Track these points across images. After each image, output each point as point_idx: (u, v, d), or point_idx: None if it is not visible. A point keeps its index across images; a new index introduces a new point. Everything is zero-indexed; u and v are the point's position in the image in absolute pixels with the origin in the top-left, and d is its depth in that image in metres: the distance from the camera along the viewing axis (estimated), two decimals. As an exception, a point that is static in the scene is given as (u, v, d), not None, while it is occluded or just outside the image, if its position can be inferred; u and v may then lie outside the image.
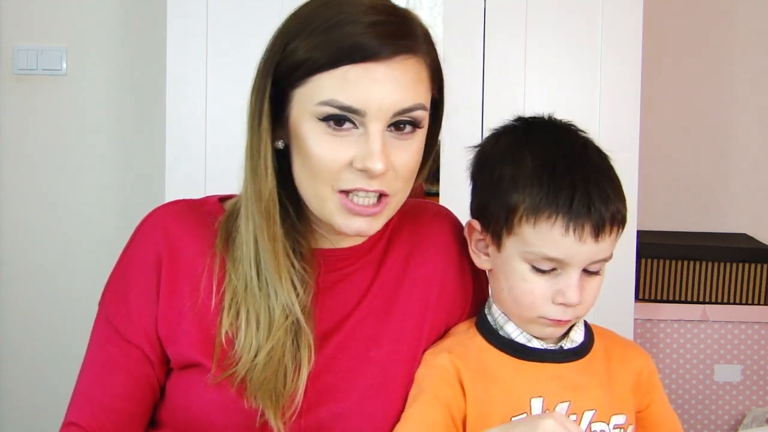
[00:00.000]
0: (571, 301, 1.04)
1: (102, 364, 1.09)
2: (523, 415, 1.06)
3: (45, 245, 2.51)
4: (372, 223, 1.04)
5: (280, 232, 1.04)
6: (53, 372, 2.49)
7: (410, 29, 1.03)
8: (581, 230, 1.01)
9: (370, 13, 1.01)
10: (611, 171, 1.07)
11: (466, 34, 2.09)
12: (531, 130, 1.10)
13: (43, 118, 2.49)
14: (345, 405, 1.07)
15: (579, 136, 1.10)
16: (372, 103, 0.99)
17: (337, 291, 1.11)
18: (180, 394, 1.08)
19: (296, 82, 1.01)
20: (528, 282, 1.05)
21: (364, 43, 0.99)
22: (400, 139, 1.02)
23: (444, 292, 1.15)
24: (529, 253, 1.04)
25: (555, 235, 1.02)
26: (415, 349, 1.11)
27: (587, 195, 1.02)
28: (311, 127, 1.01)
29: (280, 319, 1.04)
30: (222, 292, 1.06)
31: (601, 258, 1.05)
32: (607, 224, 1.03)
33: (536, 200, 1.03)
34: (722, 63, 2.68)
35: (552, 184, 1.02)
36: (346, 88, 0.99)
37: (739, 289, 2.37)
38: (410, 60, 1.01)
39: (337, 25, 1.00)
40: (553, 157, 1.05)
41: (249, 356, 1.03)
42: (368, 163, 0.99)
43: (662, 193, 2.67)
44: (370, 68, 0.99)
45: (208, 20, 2.08)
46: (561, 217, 1.01)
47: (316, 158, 1.01)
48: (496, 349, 1.09)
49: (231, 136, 2.10)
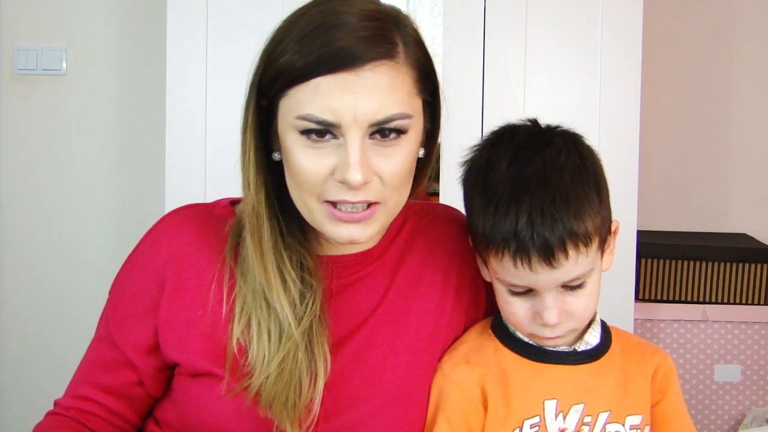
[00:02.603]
0: (548, 322, 1.02)
1: (92, 358, 1.12)
2: (537, 418, 1.06)
3: (45, 245, 2.51)
4: (364, 229, 1.02)
5: (280, 247, 1.04)
6: (53, 372, 2.48)
7: (386, 33, 0.99)
8: (528, 261, 0.99)
9: (346, 23, 0.97)
10: (576, 185, 1.01)
11: (466, 34, 2.08)
12: (497, 149, 1.06)
13: (43, 118, 2.49)
14: (364, 413, 1.06)
15: (544, 151, 1.03)
16: (345, 114, 0.96)
17: (349, 296, 1.10)
18: (193, 401, 1.07)
19: (278, 94, 1.00)
20: (509, 304, 1.05)
21: (333, 52, 0.96)
22: (384, 146, 0.99)
23: (459, 298, 1.14)
24: (499, 280, 1.05)
25: (508, 266, 1.01)
26: (431, 355, 1.11)
27: (530, 223, 0.98)
28: (294, 139, 1.00)
29: (289, 330, 1.02)
30: (232, 301, 1.05)
31: (571, 278, 1.01)
32: (557, 249, 0.98)
33: (486, 232, 1.02)
34: (722, 63, 2.68)
35: (497, 216, 1.00)
36: (318, 101, 0.96)
37: (739, 289, 2.37)
38: (384, 66, 0.97)
39: (310, 35, 0.97)
40: (505, 183, 1.01)
41: (262, 368, 1.02)
42: (346, 175, 0.97)
43: (662, 193, 2.66)
44: (340, 78, 0.96)
45: (208, 20, 2.08)
46: (507, 250, 1.00)
47: (300, 170, 1.00)
48: (511, 351, 1.09)
49: (231, 136, 2.09)
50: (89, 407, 1.11)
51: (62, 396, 1.14)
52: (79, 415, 1.11)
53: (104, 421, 1.11)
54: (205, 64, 2.09)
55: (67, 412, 1.11)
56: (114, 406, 1.11)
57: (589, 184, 1.02)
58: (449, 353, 1.11)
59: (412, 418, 1.08)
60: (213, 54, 2.09)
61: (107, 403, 1.10)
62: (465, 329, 1.15)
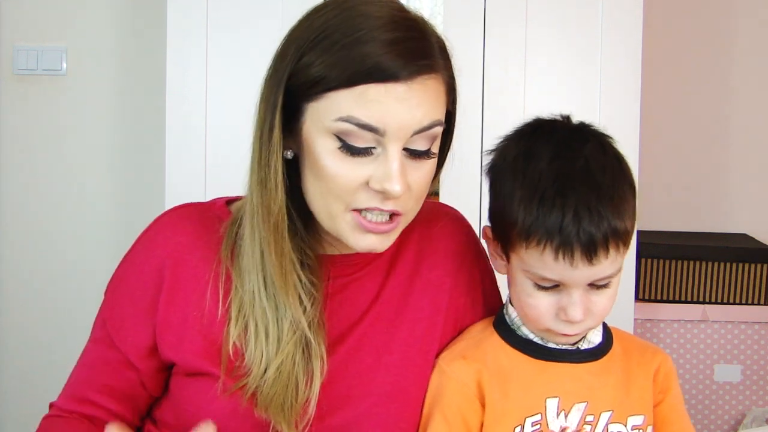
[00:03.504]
0: (573, 318, 1.03)
1: (91, 360, 1.11)
2: (538, 416, 1.06)
3: (45, 245, 2.51)
4: (384, 240, 1.02)
5: (288, 247, 1.02)
6: (53, 372, 2.48)
7: (429, 46, 1.00)
8: (571, 256, 0.99)
9: (389, 29, 0.97)
10: (614, 185, 1.03)
11: (466, 33, 2.08)
12: (536, 141, 1.07)
13: (43, 118, 2.49)
14: (358, 411, 1.06)
15: (586, 147, 1.05)
16: (392, 123, 0.96)
17: (345, 296, 1.10)
18: (189, 400, 1.07)
19: (311, 97, 0.98)
20: (532, 297, 1.05)
21: (385, 63, 0.96)
22: (415, 160, 1.00)
23: (455, 297, 1.14)
24: (528, 272, 1.04)
25: (547, 259, 1.01)
26: (426, 354, 1.11)
27: (577, 219, 0.99)
28: (326, 144, 0.98)
29: (288, 333, 1.02)
30: (229, 302, 1.05)
31: (603, 276, 1.02)
32: (600, 248, 1.00)
33: (527, 224, 1.01)
34: (722, 63, 2.68)
35: (542, 209, 1.00)
36: (365, 106, 0.96)
37: (739, 289, 2.37)
38: (430, 80, 0.99)
39: (356, 43, 0.96)
40: (548, 177, 1.02)
41: (259, 370, 1.02)
42: (386, 185, 0.97)
43: (662, 193, 2.67)
44: (390, 88, 0.96)
45: (208, 20, 2.08)
46: (550, 243, 1.00)
47: (331, 177, 0.98)
48: (513, 348, 1.09)
49: (231, 136, 2.11)
50: (92, 412, 1.09)
51: (58, 398, 1.12)
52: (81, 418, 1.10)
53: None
54: (205, 64, 2.08)
55: (70, 416, 1.10)
56: (116, 408, 1.10)
57: (626, 186, 1.05)
58: (448, 349, 1.11)
59: (407, 416, 1.08)
60: (213, 54, 2.09)
61: (110, 406, 1.09)
62: (462, 328, 1.15)
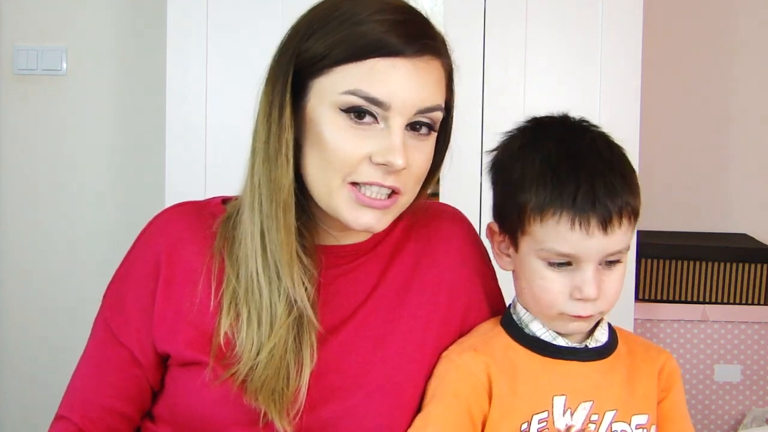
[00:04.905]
0: (588, 295, 1.04)
1: (96, 362, 1.11)
2: (545, 413, 1.06)
3: (45, 245, 2.51)
4: (381, 218, 1.04)
5: (293, 222, 1.04)
6: (53, 371, 2.48)
7: (433, 31, 1.05)
8: (587, 224, 1.02)
9: (394, 12, 1.02)
10: (622, 164, 1.08)
11: (466, 33, 2.08)
12: (540, 131, 1.11)
13: (43, 118, 2.49)
14: (350, 403, 1.07)
15: (589, 133, 1.11)
16: (397, 98, 0.99)
17: (338, 288, 1.11)
18: (181, 390, 1.08)
19: (317, 73, 1.01)
20: (545, 280, 1.06)
21: (392, 39, 1.00)
22: (415, 139, 1.03)
23: (454, 297, 1.15)
24: (542, 251, 1.05)
25: (562, 230, 1.03)
26: (421, 352, 1.11)
27: (591, 189, 1.03)
28: (330, 118, 1.01)
29: (282, 316, 1.03)
30: (221, 294, 1.06)
31: (615, 250, 1.05)
32: (614, 216, 1.03)
33: (542, 198, 1.04)
34: (722, 62, 2.68)
35: (557, 181, 1.04)
36: (372, 80, 0.99)
37: (739, 289, 2.37)
38: (434, 61, 1.03)
39: (363, 21, 1.00)
40: (559, 155, 1.06)
41: (250, 355, 1.03)
42: (389, 158, 0.99)
43: (662, 193, 2.67)
44: (397, 63, 1.00)
45: (208, 20, 2.08)
46: (566, 212, 1.03)
47: (333, 149, 1.01)
48: (522, 346, 1.10)
49: (231, 136, 2.11)
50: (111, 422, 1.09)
51: (66, 407, 1.11)
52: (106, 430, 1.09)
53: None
54: (205, 64, 2.09)
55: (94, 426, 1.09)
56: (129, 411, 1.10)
57: (631, 167, 1.09)
58: (457, 343, 1.12)
59: (399, 411, 1.08)
60: (213, 54, 2.09)
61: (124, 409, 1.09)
62: (464, 330, 1.15)
